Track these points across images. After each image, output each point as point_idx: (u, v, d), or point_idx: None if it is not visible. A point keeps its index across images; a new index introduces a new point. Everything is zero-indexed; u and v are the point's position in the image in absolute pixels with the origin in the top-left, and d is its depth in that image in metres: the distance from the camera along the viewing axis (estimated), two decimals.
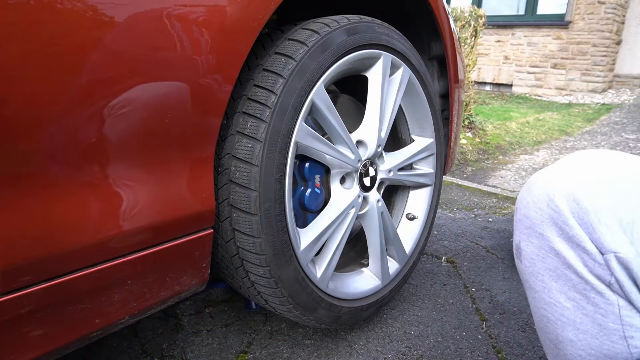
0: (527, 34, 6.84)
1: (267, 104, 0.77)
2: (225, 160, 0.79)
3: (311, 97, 0.84)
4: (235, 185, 0.78)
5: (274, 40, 0.86)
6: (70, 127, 0.53)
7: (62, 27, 0.50)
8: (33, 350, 0.56)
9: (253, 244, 0.80)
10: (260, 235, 0.79)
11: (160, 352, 1.07)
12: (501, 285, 1.43)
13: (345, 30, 0.89)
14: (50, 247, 0.54)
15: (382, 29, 1.00)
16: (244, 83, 0.81)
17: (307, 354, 1.07)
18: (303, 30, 0.86)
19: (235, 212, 0.79)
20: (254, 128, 0.77)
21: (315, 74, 0.84)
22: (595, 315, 0.51)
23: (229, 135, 0.79)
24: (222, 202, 0.80)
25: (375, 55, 0.99)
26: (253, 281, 0.87)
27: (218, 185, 0.80)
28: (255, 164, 0.77)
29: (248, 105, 0.78)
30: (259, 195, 0.77)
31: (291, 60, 0.80)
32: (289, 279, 0.87)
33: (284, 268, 0.85)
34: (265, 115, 0.77)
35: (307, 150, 0.88)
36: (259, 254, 0.81)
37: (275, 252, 0.82)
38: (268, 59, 0.82)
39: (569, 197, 0.51)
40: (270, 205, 0.80)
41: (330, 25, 0.88)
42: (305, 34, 0.85)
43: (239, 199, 0.78)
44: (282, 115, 0.79)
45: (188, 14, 0.62)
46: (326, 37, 0.85)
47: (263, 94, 0.78)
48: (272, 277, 0.84)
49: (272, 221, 0.81)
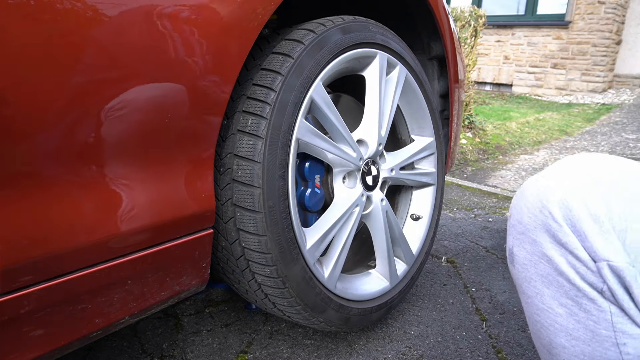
0: (527, 34, 6.84)
1: (266, 101, 0.78)
2: (227, 159, 0.79)
3: (310, 94, 0.85)
4: (239, 184, 0.78)
5: (270, 42, 0.87)
6: (70, 127, 0.53)
7: (62, 27, 0.50)
8: (33, 350, 0.56)
9: (259, 242, 0.80)
10: (265, 233, 0.79)
11: (160, 352, 1.07)
12: (501, 285, 1.43)
13: (341, 29, 0.91)
14: (50, 247, 0.54)
15: (377, 29, 1.01)
16: (243, 83, 0.81)
17: (307, 354, 1.07)
18: (299, 30, 0.87)
19: (239, 211, 0.79)
20: (254, 125, 0.77)
21: (313, 71, 0.85)
22: (587, 321, 0.51)
23: (229, 135, 0.79)
24: (225, 202, 0.80)
25: (371, 54, 1.00)
26: (260, 283, 0.86)
27: (221, 186, 0.80)
28: (257, 160, 0.76)
29: (248, 104, 0.78)
30: (263, 192, 0.77)
31: (289, 59, 0.81)
32: (296, 278, 0.86)
33: (290, 267, 0.84)
34: (266, 112, 0.77)
35: (308, 148, 0.88)
36: (265, 253, 0.80)
37: (281, 251, 0.82)
38: (266, 59, 0.82)
39: (562, 203, 0.51)
40: (274, 202, 0.79)
41: (325, 25, 0.89)
42: (301, 33, 0.86)
43: (243, 198, 0.78)
44: (282, 112, 0.79)
45: (188, 14, 0.62)
46: (322, 36, 0.86)
47: (262, 91, 0.78)
48: (280, 276, 0.83)
49: (277, 218, 0.80)
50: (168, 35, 0.60)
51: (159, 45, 0.60)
